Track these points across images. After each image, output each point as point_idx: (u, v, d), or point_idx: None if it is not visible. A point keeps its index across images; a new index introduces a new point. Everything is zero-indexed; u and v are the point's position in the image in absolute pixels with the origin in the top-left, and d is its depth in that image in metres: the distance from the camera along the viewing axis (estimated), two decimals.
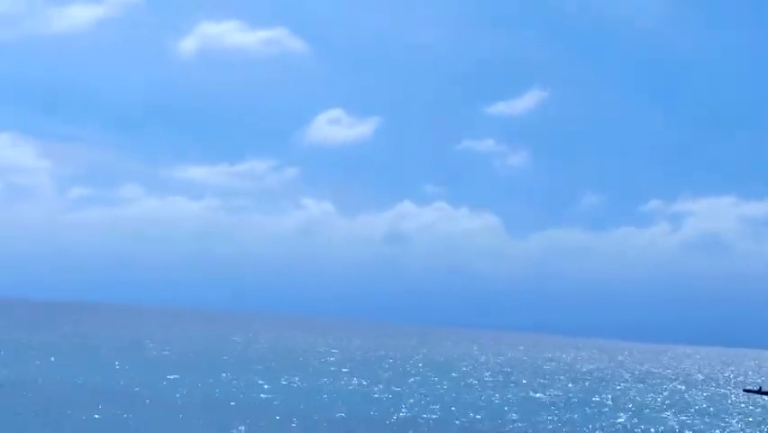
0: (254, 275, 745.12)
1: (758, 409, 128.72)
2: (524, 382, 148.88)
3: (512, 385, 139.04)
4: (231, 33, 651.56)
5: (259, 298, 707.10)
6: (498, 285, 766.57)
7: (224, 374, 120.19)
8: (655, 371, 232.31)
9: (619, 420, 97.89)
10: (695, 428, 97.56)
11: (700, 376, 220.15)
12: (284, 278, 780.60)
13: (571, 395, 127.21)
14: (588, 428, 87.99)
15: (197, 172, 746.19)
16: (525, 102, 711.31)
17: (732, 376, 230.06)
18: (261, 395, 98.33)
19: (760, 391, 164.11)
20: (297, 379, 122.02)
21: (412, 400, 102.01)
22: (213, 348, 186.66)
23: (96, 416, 72.58)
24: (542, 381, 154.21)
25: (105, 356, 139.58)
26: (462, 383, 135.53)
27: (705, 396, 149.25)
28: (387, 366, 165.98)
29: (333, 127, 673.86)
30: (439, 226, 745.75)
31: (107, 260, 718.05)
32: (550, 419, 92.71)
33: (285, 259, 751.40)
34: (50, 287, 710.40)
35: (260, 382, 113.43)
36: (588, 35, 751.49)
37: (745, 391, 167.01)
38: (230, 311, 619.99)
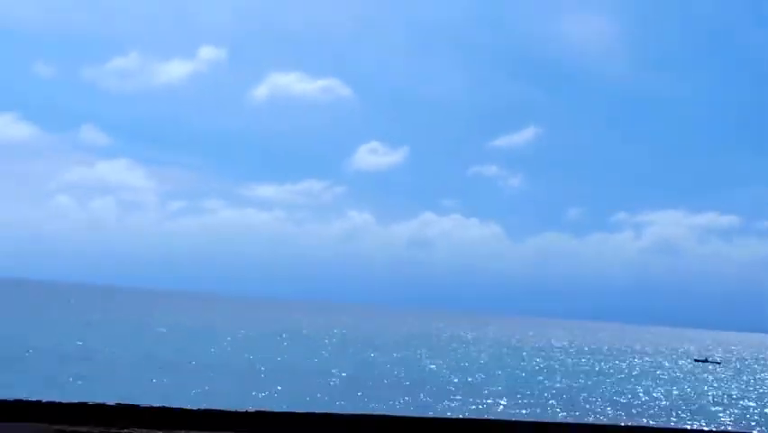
0: (310, 271, 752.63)
1: (705, 374, 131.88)
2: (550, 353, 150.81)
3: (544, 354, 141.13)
4: (295, 82, 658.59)
5: (313, 289, 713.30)
6: (501, 279, 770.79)
7: (395, 354, 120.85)
8: (625, 347, 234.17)
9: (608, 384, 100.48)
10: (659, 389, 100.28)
11: (662, 349, 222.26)
12: (333, 273, 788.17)
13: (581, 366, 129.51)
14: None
15: (267, 190, 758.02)
16: (523, 136, 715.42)
17: (683, 350, 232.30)
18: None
19: (706, 361, 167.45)
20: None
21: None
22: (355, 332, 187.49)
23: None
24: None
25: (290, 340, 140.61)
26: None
27: (667, 365, 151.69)
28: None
29: (372, 155, 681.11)
30: (454, 233, 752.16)
31: (197, 258, 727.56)
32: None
33: (334, 258, 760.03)
34: (154, 278, 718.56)
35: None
36: (572, 83, 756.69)
37: (696, 360, 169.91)
38: (292, 300, 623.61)
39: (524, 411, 63.97)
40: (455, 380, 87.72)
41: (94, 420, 22.98)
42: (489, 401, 69.94)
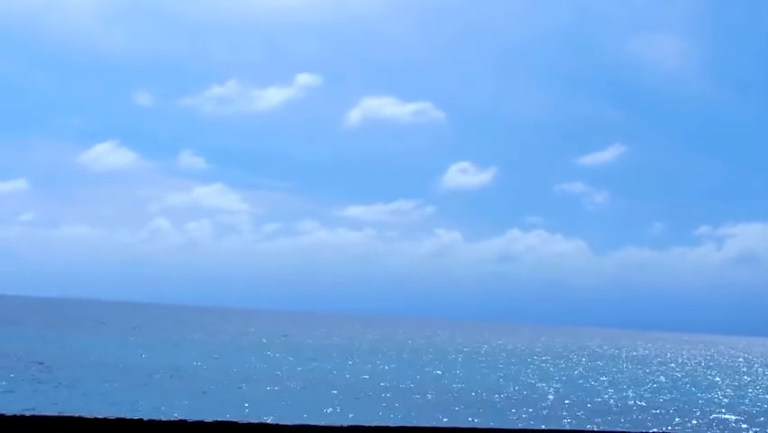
0: (399, 288, 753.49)
1: None
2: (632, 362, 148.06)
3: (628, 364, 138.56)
4: (387, 106, 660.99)
5: (403, 304, 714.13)
6: (585, 292, 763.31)
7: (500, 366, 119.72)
8: (721, 356, 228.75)
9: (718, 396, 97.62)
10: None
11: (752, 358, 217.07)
12: (422, 289, 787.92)
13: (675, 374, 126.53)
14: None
15: (358, 210, 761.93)
16: (608, 154, 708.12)
17: None
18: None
19: None
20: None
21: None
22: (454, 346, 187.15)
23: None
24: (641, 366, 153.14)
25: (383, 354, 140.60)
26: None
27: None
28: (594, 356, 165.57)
29: (462, 175, 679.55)
30: (539, 249, 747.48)
31: (291, 277, 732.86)
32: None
33: (423, 275, 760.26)
34: (250, 299, 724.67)
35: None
36: (653, 102, 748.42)
37: None
38: (384, 316, 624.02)
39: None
40: (576, 395, 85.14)
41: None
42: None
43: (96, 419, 7.39)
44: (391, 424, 9.10)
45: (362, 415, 56.87)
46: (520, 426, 40.76)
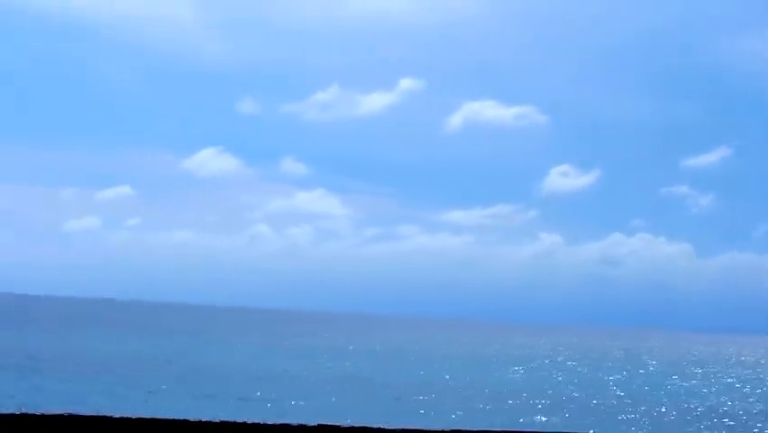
0: (500, 292, 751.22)
1: None
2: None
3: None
4: (489, 109, 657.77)
5: (503, 310, 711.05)
6: (690, 296, 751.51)
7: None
8: None
9: None
10: None
11: None
12: (523, 293, 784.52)
13: None
14: None
15: (459, 215, 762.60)
16: (713, 156, 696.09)
17: None
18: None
19: None
20: None
21: None
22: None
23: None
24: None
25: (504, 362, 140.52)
26: None
27: None
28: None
29: (564, 178, 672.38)
30: (642, 252, 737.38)
31: (391, 282, 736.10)
32: None
33: (524, 279, 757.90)
34: (351, 303, 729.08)
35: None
36: (761, 104, 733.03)
37: None
38: (484, 321, 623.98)
39: None
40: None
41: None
42: None
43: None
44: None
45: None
46: None
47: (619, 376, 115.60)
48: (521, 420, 60.64)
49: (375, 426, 25.61)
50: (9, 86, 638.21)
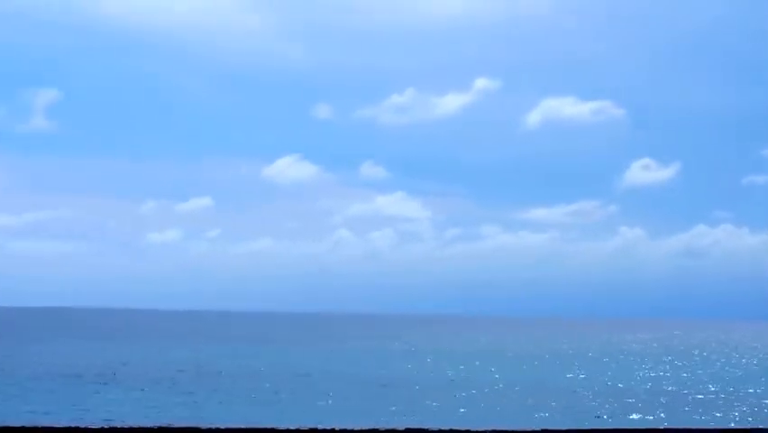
0: (583, 288, 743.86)
1: None
2: None
3: None
4: (567, 106, 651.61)
5: (588, 306, 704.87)
6: None
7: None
8: None
9: None
10: None
11: None
12: (606, 288, 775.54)
13: None
14: None
15: (540, 213, 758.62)
16: None
17: None
18: None
19: None
20: None
21: None
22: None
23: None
24: None
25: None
26: None
27: None
28: None
29: (644, 172, 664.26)
30: (727, 243, 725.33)
31: (473, 282, 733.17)
32: None
33: (607, 274, 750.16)
34: (432, 304, 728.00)
35: None
36: None
37: None
38: (568, 317, 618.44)
39: None
40: None
41: None
42: None
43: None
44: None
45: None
46: None
47: (712, 370, 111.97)
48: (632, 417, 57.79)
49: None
50: (89, 102, 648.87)
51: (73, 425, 22.57)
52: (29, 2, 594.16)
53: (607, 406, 67.32)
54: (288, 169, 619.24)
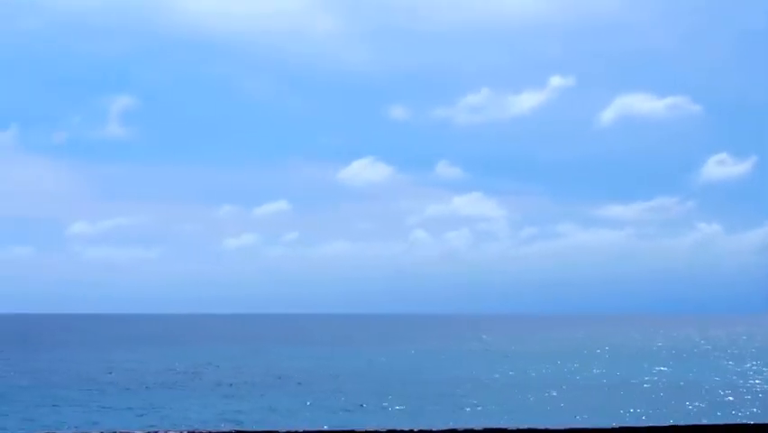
0: (661, 285, 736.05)
1: None
2: None
3: None
4: (642, 102, 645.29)
5: (666, 302, 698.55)
6: None
7: None
8: None
9: None
10: None
11: None
12: (684, 284, 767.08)
13: None
14: None
15: (617, 210, 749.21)
16: None
17: None
18: None
19: None
20: None
21: None
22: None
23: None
24: None
25: None
26: None
27: None
28: None
29: (720, 167, 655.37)
30: None
31: (549, 280, 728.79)
32: None
33: (684, 270, 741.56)
34: (509, 304, 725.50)
35: None
36: None
37: None
38: (649, 314, 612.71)
39: None
40: None
41: None
42: None
43: None
44: None
45: None
46: None
47: None
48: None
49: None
50: (163, 107, 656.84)
51: (152, 430, 22.12)
52: (102, 9, 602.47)
53: (696, 403, 65.69)
54: (364, 171, 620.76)
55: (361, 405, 65.05)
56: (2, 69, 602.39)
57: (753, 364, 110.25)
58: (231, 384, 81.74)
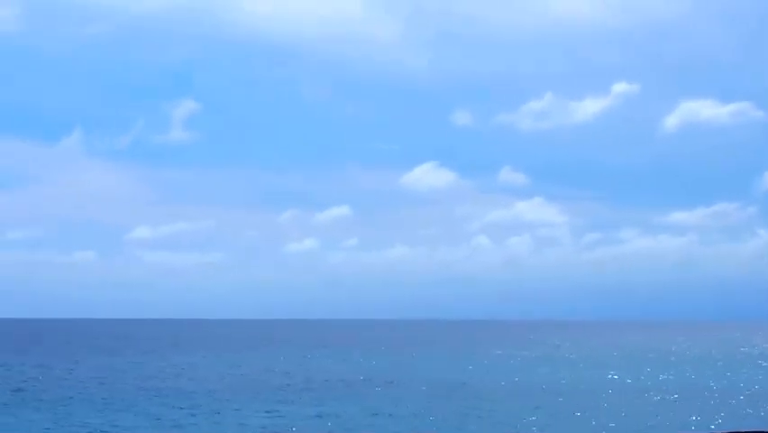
0: (723, 291, 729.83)
1: None
2: None
3: None
4: (705, 108, 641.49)
5: (728, 309, 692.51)
6: None
7: None
8: None
9: None
10: None
11: None
12: (746, 291, 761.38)
13: None
14: None
15: (680, 216, 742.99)
16: None
17: None
18: None
19: None
20: None
21: None
22: None
23: None
24: None
25: None
26: None
27: None
28: None
29: None
30: None
31: (613, 286, 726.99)
32: None
33: (746, 277, 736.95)
34: (571, 310, 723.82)
35: None
36: None
37: None
38: (711, 321, 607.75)
39: None
40: None
41: None
42: None
43: None
44: None
45: None
46: None
47: None
48: None
49: None
50: (225, 111, 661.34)
51: None
52: (166, 14, 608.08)
53: None
54: (426, 176, 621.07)
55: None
56: (67, 73, 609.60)
57: None
58: (321, 384, 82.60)
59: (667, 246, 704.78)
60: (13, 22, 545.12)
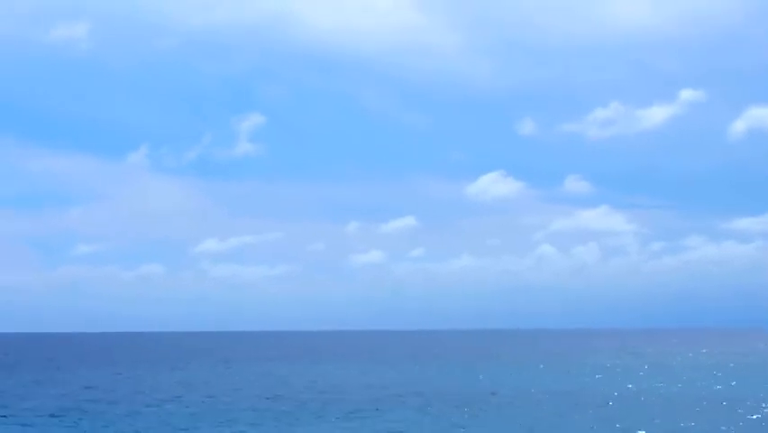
0: None
1: None
2: None
3: None
4: None
5: None
6: None
7: None
8: None
9: None
10: None
11: None
12: None
13: None
14: None
15: (746, 222, 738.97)
16: None
17: None
18: None
19: None
20: None
21: None
22: None
23: None
24: None
25: None
26: None
27: None
28: None
29: None
30: None
31: (679, 294, 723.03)
32: None
33: None
34: (635, 318, 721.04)
35: None
36: None
37: None
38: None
39: None
40: None
41: None
42: None
43: None
44: None
45: None
46: None
47: None
48: None
49: None
50: (289, 124, 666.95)
51: None
52: (229, 29, 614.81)
53: None
54: (492, 186, 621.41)
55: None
56: (134, 89, 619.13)
57: None
58: (453, 398, 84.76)
59: (734, 253, 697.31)
60: (85, 39, 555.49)
